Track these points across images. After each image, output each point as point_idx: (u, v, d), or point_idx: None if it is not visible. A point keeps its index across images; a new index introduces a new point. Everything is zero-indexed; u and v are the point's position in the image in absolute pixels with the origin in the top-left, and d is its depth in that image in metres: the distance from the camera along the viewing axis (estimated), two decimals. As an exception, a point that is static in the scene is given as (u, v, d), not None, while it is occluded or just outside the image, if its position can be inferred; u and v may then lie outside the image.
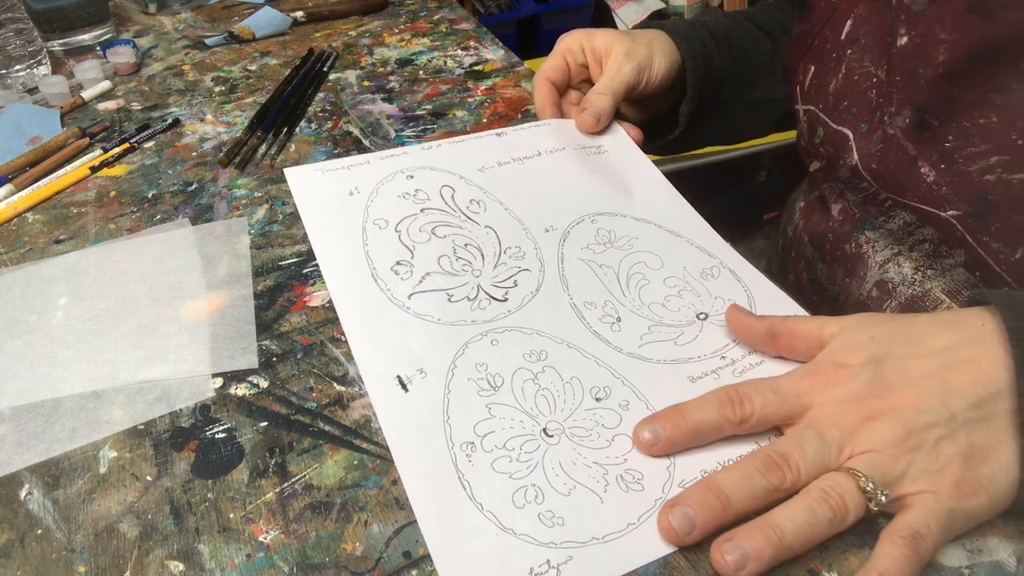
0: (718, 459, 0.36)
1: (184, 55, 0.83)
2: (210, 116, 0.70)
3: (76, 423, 0.40)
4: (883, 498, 0.32)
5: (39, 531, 0.36)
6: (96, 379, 0.43)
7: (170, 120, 0.69)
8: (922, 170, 0.45)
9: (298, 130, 0.68)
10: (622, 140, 0.59)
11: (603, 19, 1.83)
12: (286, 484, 0.37)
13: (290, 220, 0.56)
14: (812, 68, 0.54)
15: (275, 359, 0.44)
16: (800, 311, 0.45)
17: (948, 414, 0.33)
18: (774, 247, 0.68)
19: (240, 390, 0.42)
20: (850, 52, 0.50)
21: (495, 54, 0.82)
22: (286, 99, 0.71)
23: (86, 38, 0.83)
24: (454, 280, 0.47)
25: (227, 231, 0.54)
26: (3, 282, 0.50)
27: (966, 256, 0.46)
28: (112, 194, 0.59)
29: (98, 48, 0.83)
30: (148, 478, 0.38)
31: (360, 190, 0.52)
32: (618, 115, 0.60)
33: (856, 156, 0.49)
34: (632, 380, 0.41)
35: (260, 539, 0.35)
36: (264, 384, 0.42)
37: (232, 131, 0.68)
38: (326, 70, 0.78)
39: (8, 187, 0.60)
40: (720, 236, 0.51)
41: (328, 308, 0.47)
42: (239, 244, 0.53)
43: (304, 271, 0.50)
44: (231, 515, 0.36)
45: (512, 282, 0.47)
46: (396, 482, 0.37)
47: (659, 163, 0.58)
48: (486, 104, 0.72)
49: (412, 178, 0.53)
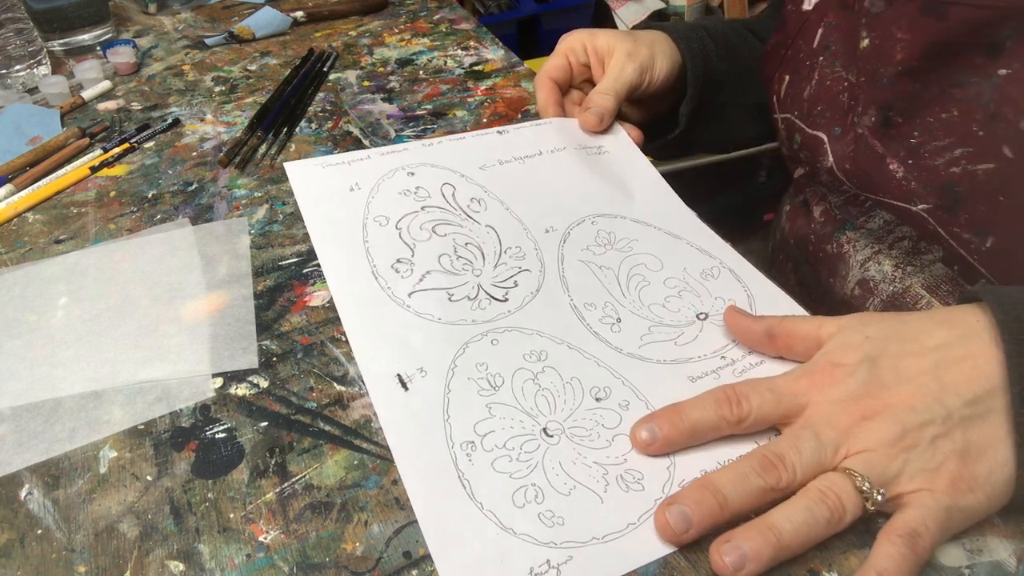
0: (718, 459, 0.36)
1: (184, 55, 0.83)
2: (210, 116, 0.71)
3: (76, 423, 0.40)
4: (879, 497, 0.32)
5: (39, 531, 0.36)
6: (96, 379, 0.43)
7: (170, 120, 0.69)
8: (890, 167, 0.46)
9: (298, 130, 0.68)
10: (623, 141, 0.59)
11: (603, 19, 1.83)
12: (286, 484, 0.37)
13: (290, 220, 0.56)
14: (787, 77, 0.55)
15: (275, 359, 0.44)
16: (799, 311, 0.45)
17: (943, 412, 0.33)
18: (765, 250, 0.69)
19: (240, 390, 0.42)
20: (822, 59, 0.51)
21: (495, 54, 0.82)
22: (286, 99, 0.71)
23: (86, 38, 0.83)
24: (454, 279, 0.47)
25: (227, 231, 0.54)
26: (3, 282, 0.50)
27: (944, 251, 0.46)
28: (112, 194, 0.59)
29: (98, 48, 0.83)
30: (148, 478, 0.38)
31: (360, 186, 0.52)
32: (619, 115, 0.60)
33: (831, 158, 0.50)
34: (632, 380, 0.41)
35: (260, 539, 0.35)
36: (264, 384, 0.42)
37: (232, 131, 0.68)
38: (326, 70, 0.78)
39: (8, 187, 0.60)
40: (720, 236, 0.52)
41: (328, 308, 0.47)
42: (239, 244, 0.53)
43: (304, 271, 0.50)
44: (231, 515, 0.36)
45: (512, 282, 0.47)
46: (396, 482, 0.37)
47: (659, 162, 0.58)
48: (486, 104, 0.72)
49: (413, 175, 0.53)
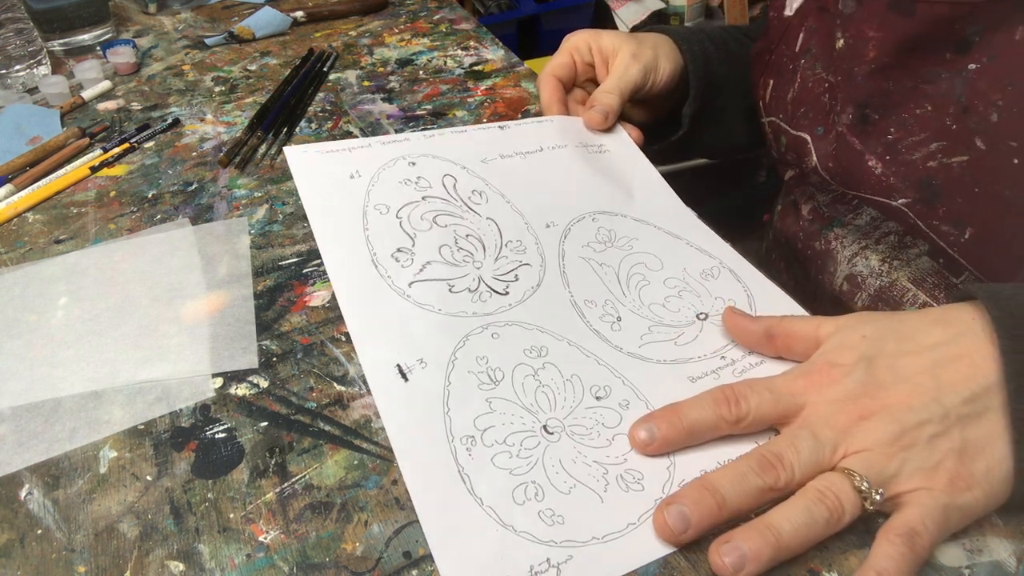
0: (717, 459, 0.36)
1: (184, 55, 0.83)
2: (210, 116, 0.71)
3: (76, 423, 0.40)
4: (878, 497, 0.32)
5: (39, 531, 0.36)
6: (96, 379, 0.43)
7: (170, 120, 0.69)
8: (869, 163, 0.47)
9: (298, 130, 0.68)
10: (624, 141, 0.59)
11: (603, 19, 1.82)
12: (286, 484, 0.37)
13: (290, 220, 0.56)
14: (771, 82, 0.56)
15: (275, 359, 0.44)
16: (799, 311, 0.45)
17: (941, 411, 0.33)
18: (762, 251, 0.69)
19: (240, 390, 0.42)
20: (803, 62, 0.52)
21: (495, 54, 0.82)
22: (286, 99, 0.71)
23: (86, 38, 0.83)
24: (455, 271, 0.47)
25: (227, 231, 0.54)
26: (3, 282, 0.50)
27: (929, 245, 0.47)
28: (112, 194, 0.59)
29: (98, 48, 0.83)
30: (148, 478, 0.38)
31: (361, 173, 0.51)
32: (621, 116, 0.61)
33: (815, 158, 0.51)
34: (632, 380, 0.41)
35: (260, 539, 0.35)
36: (264, 384, 0.42)
37: (232, 131, 0.68)
38: (326, 70, 0.78)
39: (8, 187, 0.60)
40: (720, 236, 0.52)
41: (328, 308, 0.47)
42: (239, 244, 0.53)
43: (304, 271, 0.50)
44: (231, 515, 0.36)
45: (513, 276, 0.47)
46: (396, 482, 0.37)
47: (659, 163, 0.58)
48: (486, 104, 0.72)
49: (414, 165, 0.53)
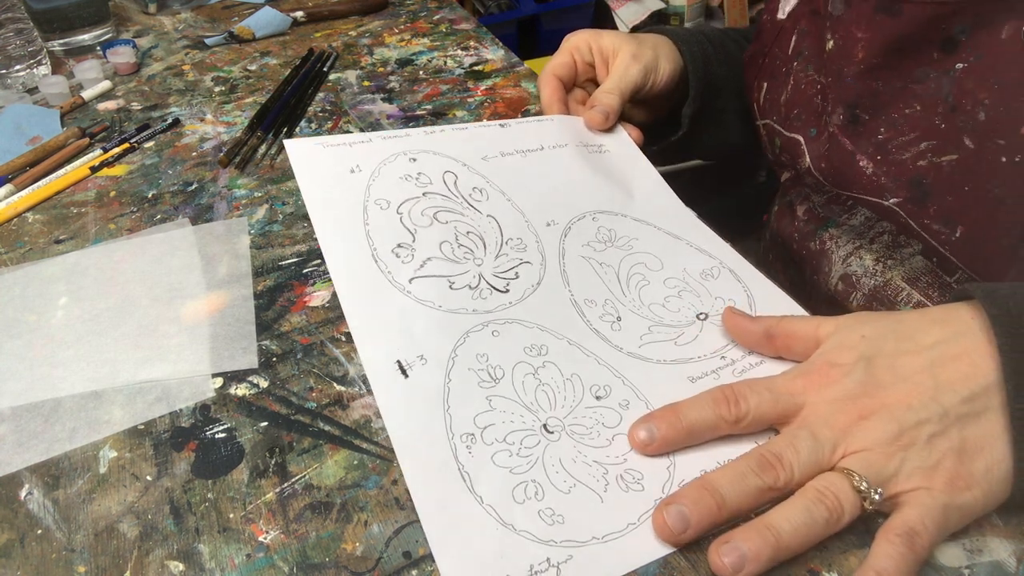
0: (717, 459, 0.36)
1: (184, 55, 0.83)
2: (210, 116, 0.71)
3: (76, 423, 0.40)
4: (877, 497, 0.32)
5: (39, 531, 0.36)
6: (96, 379, 0.43)
7: (170, 120, 0.69)
8: (860, 163, 0.47)
9: (298, 130, 0.68)
10: (624, 141, 0.59)
11: (603, 19, 1.82)
12: (286, 484, 0.37)
13: (290, 220, 0.56)
14: (765, 85, 0.56)
15: (275, 359, 0.44)
16: (799, 311, 0.45)
17: (940, 410, 0.33)
18: (759, 250, 0.69)
19: (240, 390, 0.42)
20: (796, 64, 0.52)
21: (495, 54, 0.82)
22: (286, 99, 0.71)
23: (86, 38, 0.83)
24: (456, 267, 0.47)
25: (227, 231, 0.54)
26: (3, 282, 0.50)
27: (922, 244, 0.47)
28: (112, 194, 0.59)
29: (98, 48, 0.83)
30: (148, 478, 0.38)
31: (361, 168, 0.51)
32: (621, 116, 0.61)
33: (808, 159, 0.51)
34: (632, 380, 0.41)
35: (260, 539, 0.35)
36: (264, 384, 0.42)
37: (232, 131, 0.68)
38: (326, 70, 0.78)
39: (8, 187, 0.60)
40: (720, 236, 0.52)
41: (328, 308, 0.47)
42: (239, 244, 0.53)
43: (304, 271, 0.50)
44: (231, 515, 0.36)
45: (513, 273, 0.47)
46: (396, 482, 0.37)
47: (659, 162, 0.58)
48: (486, 104, 0.72)
49: (415, 161, 0.52)
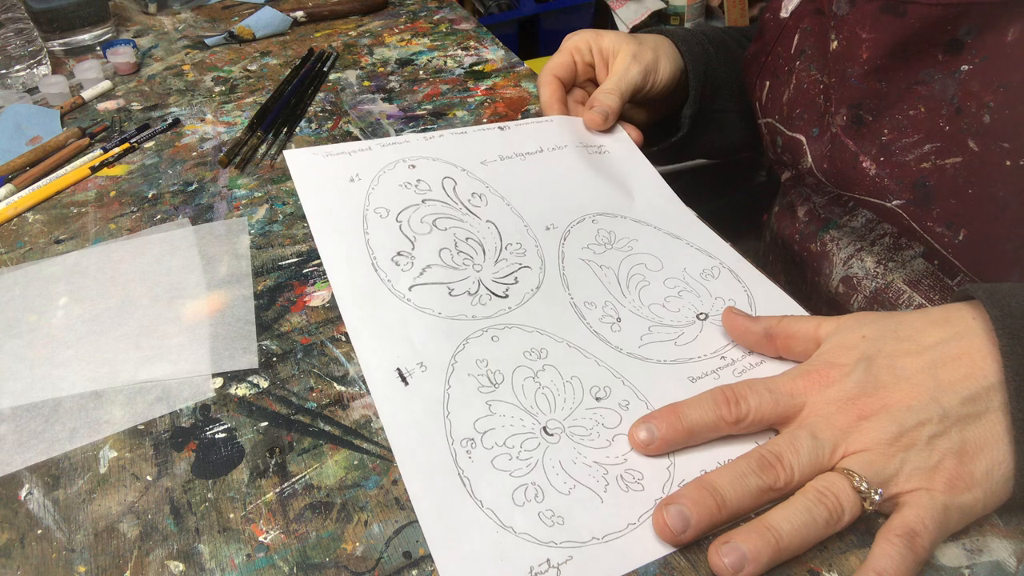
0: (717, 459, 0.36)
1: (184, 55, 0.83)
2: (210, 116, 0.71)
3: (76, 423, 0.40)
4: (877, 497, 0.32)
5: (39, 531, 0.36)
6: (96, 379, 0.43)
7: (170, 120, 0.69)
8: (863, 164, 0.46)
9: (298, 130, 0.68)
10: (623, 141, 0.59)
11: (603, 19, 1.82)
12: (286, 484, 0.37)
13: (290, 220, 0.56)
14: (767, 83, 0.56)
15: (275, 359, 0.44)
16: (799, 311, 0.45)
17: (940, 411, 0.33)
18: (759, 250, 0.69)
19: (240, 390, 0.42)
20: (799, 63, 0.52)
21: (495, 54, 0.82)
22: (286, 99, 0.71)
23: (86, 38, 0.83)
24: (455, 274, 0.47)
25: (227, 231, 0.54)
26: (3, 282, 0.50)
27: (924, 247, 0.47)
28: (112, 194, 0.59)
29: (98, 48, 0.83)
30: (148, 478, 0.38)
31: (361, 176, 0.51)
32: (620, 117, 0.60)
33: (810, 159, 0.51)
34: (632, 380, 0.41)
35: (260, 539, 0.35)
36: (264, 384, 0.42)
37: (232, 131, 0.68)
38: (326, 70, 0.78)
39: (8, 187, 0.60)
40: (720, 236, 0.52)
41: (328, 308, 0.47)
42: (239, 244, 0.53)
43: (304, 271, 0.50)
44: (231, 515, 0.36)
45: (513, 279, 0.47)
46: (396, 482, 0.37)
47: (659, 163, 0.58)
48: (486, 104, 0.72)
49: (414, 168, 0.53)
